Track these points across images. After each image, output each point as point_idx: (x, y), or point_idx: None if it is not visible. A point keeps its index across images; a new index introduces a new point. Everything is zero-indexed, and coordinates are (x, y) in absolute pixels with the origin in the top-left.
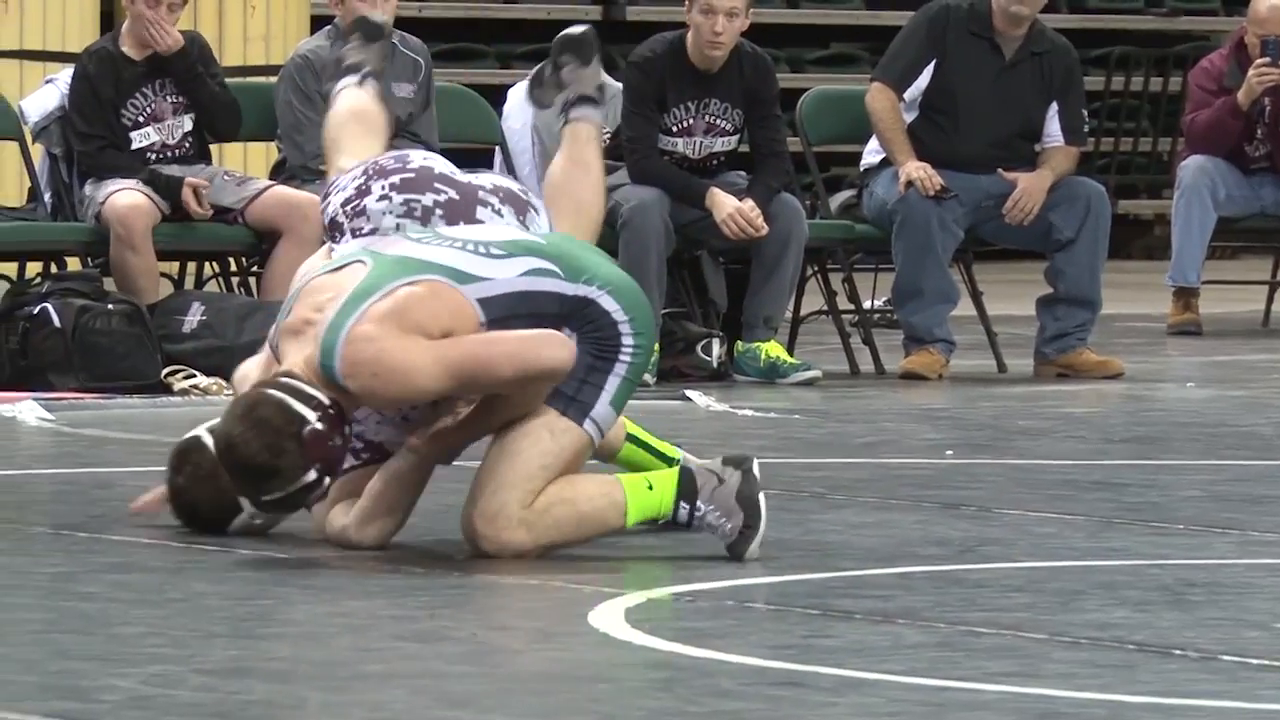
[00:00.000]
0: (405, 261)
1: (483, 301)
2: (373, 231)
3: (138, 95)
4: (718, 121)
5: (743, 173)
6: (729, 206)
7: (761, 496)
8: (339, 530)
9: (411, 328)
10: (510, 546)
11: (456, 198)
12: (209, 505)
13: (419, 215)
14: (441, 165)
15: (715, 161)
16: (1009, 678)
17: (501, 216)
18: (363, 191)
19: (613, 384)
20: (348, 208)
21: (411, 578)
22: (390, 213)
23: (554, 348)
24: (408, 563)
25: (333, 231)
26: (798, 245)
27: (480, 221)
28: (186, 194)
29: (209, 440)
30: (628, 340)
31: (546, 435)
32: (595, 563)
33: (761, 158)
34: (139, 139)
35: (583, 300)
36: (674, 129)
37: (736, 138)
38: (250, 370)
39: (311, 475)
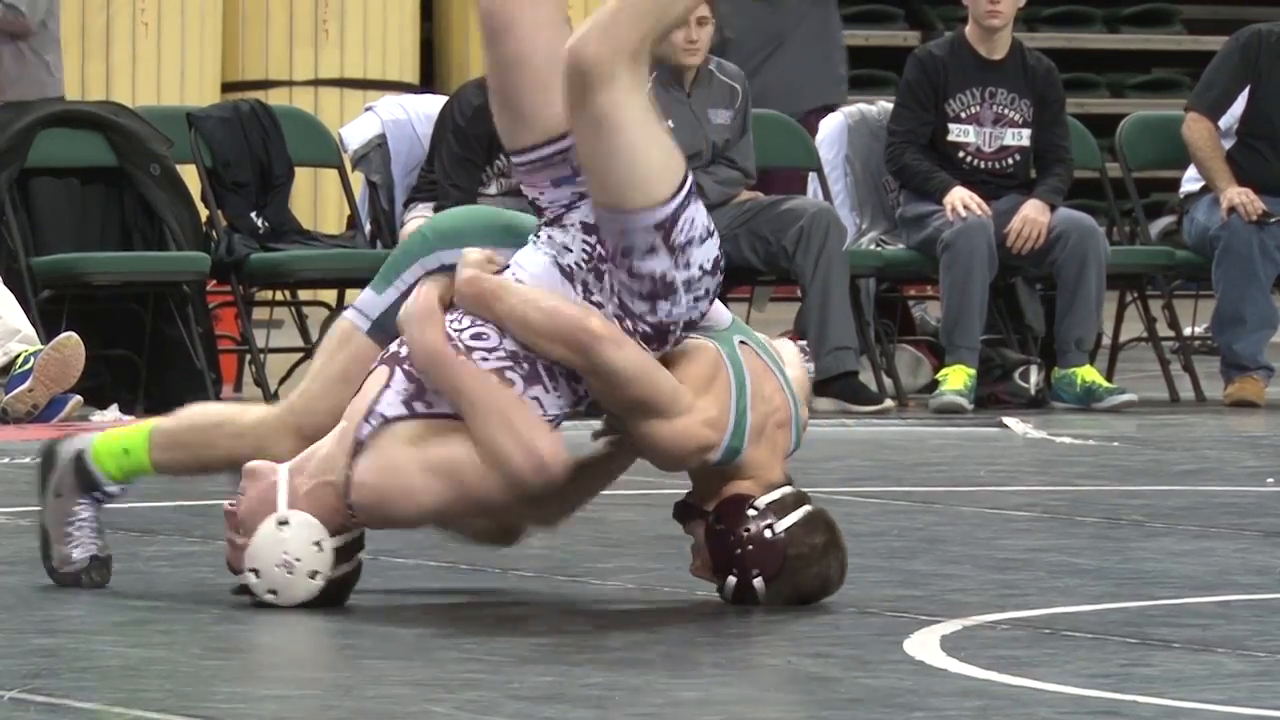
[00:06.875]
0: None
1: None
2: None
3: None
4: (1006, 111)
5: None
6: (958, 198)
7: None
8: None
9: None
10: None
11: None
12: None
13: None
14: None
15: (1010, 160)
16: None
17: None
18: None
19: None
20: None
21: (727, 605)
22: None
23: None
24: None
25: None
26: (1097, 263)
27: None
28: None
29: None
30: None
31: None
32: (911, 590)
33: (1046, 163)
34: None
35: None
36: (962, 115)
37: (1028, 132)
38: None
39: None
